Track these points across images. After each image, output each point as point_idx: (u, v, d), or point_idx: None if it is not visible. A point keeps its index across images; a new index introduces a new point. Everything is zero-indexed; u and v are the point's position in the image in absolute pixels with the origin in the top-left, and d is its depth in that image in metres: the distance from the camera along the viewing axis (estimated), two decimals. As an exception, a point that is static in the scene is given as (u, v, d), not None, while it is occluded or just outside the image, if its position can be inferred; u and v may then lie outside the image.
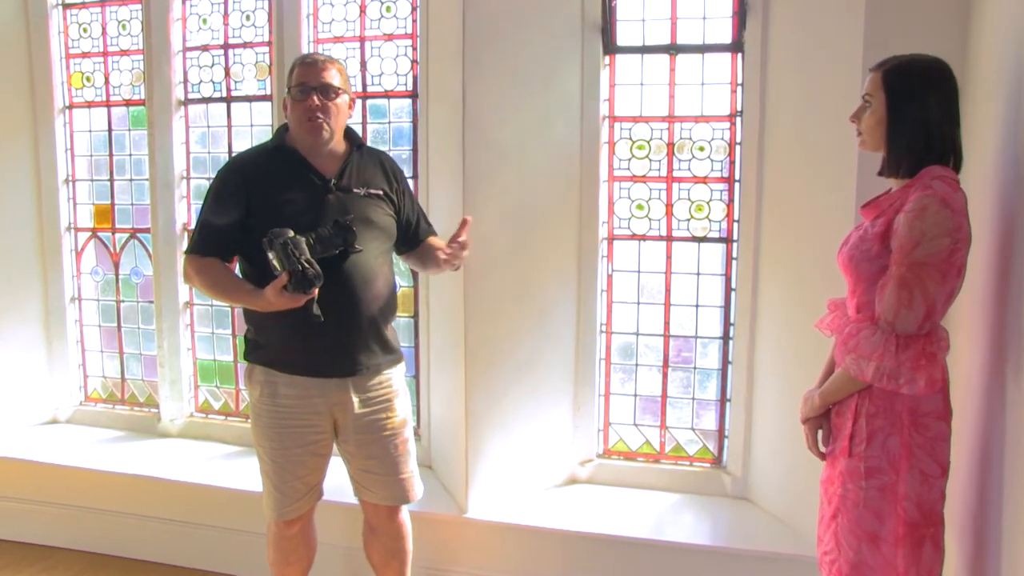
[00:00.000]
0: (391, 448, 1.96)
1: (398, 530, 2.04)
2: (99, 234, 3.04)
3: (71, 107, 3.01)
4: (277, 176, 1.86)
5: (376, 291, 1.88)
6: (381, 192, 1.93)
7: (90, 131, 3.01)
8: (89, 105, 3.00)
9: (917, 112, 1.44)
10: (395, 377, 1.99)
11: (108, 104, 2.97)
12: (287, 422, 1.89)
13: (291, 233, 1.72)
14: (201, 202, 1.93)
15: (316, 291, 1.72)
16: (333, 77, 1.86)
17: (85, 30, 2.97)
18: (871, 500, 1.47)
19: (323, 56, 1.91)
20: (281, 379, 1.88)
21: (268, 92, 2.75)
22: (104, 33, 2.95)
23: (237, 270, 1.98)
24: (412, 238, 2.05)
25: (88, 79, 2.99)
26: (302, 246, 1.71)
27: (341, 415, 1.93)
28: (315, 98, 1.83)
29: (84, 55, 2.99)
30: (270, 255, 1.72)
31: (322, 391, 1.89)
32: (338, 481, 2.09)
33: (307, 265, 1.69)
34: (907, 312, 1.39)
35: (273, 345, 1.89)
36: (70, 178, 3.04)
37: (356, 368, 1.89)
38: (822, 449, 1.62)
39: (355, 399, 1.91)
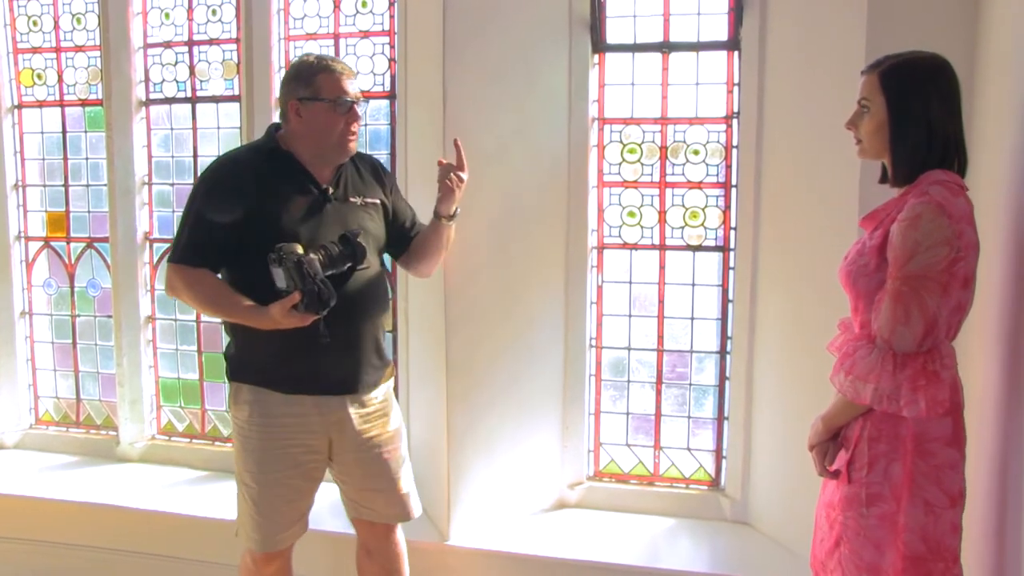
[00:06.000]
0: (392, 462, 1.95)
1: (396, 551, 2.03)
2: (52, 244, 2.96)
3: (20, 106, 2.92)
4: (274, 181, 1.81)
5: (376, 304, 1.91)
6: (377, 201, 1.94)
7: (42, 132, 2.93)
8: (41, 104, 2.92)
9: (920, 114, 1.40)
10: (389, 388, 1.99)
11: (62, 104, 2.90)
12: (280, 443, 1.84)
13: (301, 250, 1.71)
14: (183, 206, 1.83)
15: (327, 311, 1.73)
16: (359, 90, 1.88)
17: (35, 23, 2.88)
18: (871, 529, 1.42)
19: (347, 65, 1.89)
20: (274, 398, 1.83)
21: (236, 92, 2.69)
22: (57, 27, 2.87)
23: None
24: (407, 239, 2.05)
25: (39, 76, 2.91)
26: (316, 265, 1.70)
27: (338, 433, 1.89)
28: (357, 113, 1.84)
29: (34, 50, 2.91)
30: (279, 271, 1.69)
31: (320, 409, 1.86)
32: (315, 508, 2.01)
33: (322, 286, 1.69)
34: (904, 329, 1.34)
35: (264, 362, 1.83)
36: (20, 183, 2.95)
37: (359, 385, 1.88)
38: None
39: (354, 415, 1.88)
